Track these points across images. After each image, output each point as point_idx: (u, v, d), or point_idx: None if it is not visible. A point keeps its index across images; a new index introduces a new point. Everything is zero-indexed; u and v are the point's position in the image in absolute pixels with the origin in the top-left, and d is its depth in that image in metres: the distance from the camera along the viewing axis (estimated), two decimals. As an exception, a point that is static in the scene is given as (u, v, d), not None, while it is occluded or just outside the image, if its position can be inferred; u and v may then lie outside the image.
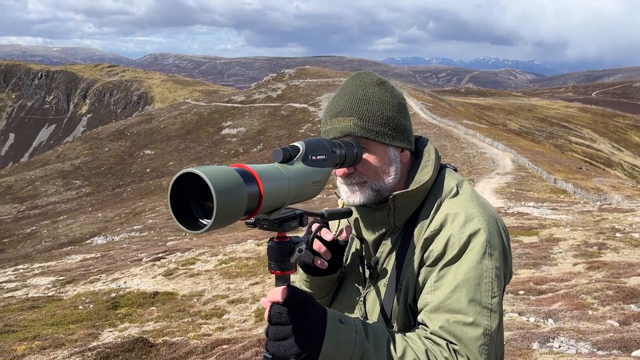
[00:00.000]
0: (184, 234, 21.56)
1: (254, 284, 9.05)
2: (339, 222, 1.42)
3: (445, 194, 1.25)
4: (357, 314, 1.31)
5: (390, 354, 1.06)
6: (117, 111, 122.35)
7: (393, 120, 1.25)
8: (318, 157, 1.04)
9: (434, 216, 1.22)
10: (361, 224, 1.32)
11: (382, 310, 1.25)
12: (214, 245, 14.28)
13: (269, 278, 9.19)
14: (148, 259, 13.41)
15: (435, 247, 1.18)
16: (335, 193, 1.43)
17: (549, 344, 4.21)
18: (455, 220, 1.19)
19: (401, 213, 1.24)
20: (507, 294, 6.52)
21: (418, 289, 1.21)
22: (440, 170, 1.31)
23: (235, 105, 78.50)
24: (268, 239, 1.02)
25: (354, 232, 1.35)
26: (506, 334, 4.57)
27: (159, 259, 13.26)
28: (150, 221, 30.46)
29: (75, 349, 4.97)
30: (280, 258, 1.00)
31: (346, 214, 1.17)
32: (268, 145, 58.11)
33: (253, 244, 13.35)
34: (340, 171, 1.22)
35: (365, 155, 1.22)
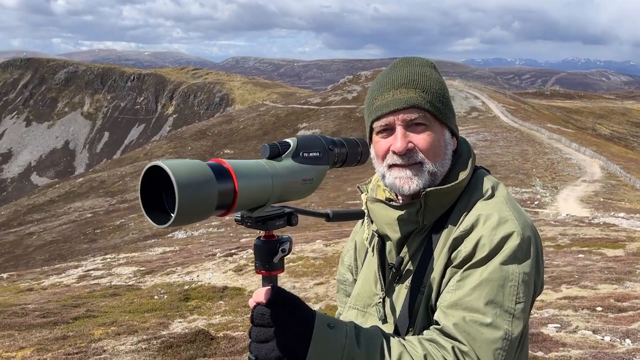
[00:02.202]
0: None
1: (318, 284, 9.13)
2: (365, 224, 1.38)
3: (479, 195, 1.19)
4: (374, 316, 1.26)
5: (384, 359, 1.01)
6: (200, 112, 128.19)
7: (449, 101, 1.23)
8: (311, 154, 0.99)
9: (465, 216, 1.16)
10: (384, 222, 1.25)
11: (403, 313, 1.19)
12: (284, 244, 14.55)
13: (334, 279, 9.25)
14: (221, 255, 13.92)
15: (464, 248, 1.12)
16: (359, 187, 1.37)
17: (622, 367, 3.90)
18: (487, 222, 1.13)
19: (432, 211, 1.19)
20: (582, 309, 6.11)
21: (442, 290, 1.15)
22: (474, 171, 1.25)
23: (311, 107, 79.56)
24: (256, 237, 0.98)
25: (375, 229, 1.29)
26: (575, 352, 4.29)
27: (231, 254, 13.74)
28: (228, 218, 31.59)
29: (144, 337, 5.29)
30: (264, 258, 0.97)
31: (357, 215, 1.11)
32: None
33: (321, 245, 13.46)
34: (400, 147, 1.16)
35: (427, 132, 1.18)
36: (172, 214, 0.80)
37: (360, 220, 1.39)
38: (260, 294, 0.97)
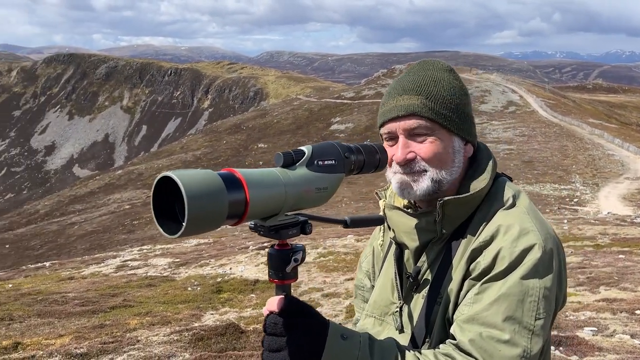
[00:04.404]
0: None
1: (349, 280, 9.13)
2: (383, 231, 1.35)
3: (500, 205, 1.15)
4: (391, 324, 1.24)
5: None
6: (235, 106, 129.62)
7: (461, 107, 1.18)
8: (326, 162, 0.98)
9: (485, 227, 1.13)
10: (401, 230, 1.23)
11: (420, 323, 1.17)
12: (316, 238, 14.61)
13: (365, 275, 9.22)
14: (254, 248, 14.07)
15: (483, 260, 1.09)
16: (377, 193, 1.35)
17: (661, 374, 3.76)
18: (507, 233, 1.09)
19: (450, 221, 1.16)
20: (621, 312, 5.92)
21: (459, 302, 1.12)
22: (495, 179, 1.21)
23: (345, 101, 79.34)
24: (270, 244, 0.99)
25: (392, 237, 1.27)
26: (611, 357, 4.17)
27: (264, 248, 13.87)
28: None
29: (176, 328, 5.43)
30: (278, 266, 0.96)
31: (376, 221, 1.09)
32: (374, 142, 57.98)
33: (353, 240, 13.46)
34: (399, 157, 1.15)
35: (430, 140, 1.15)
36: (183, 224, 0.80)
37: (379, 226, 1.38)
38: (273, 302, 0.97)
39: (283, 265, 0.96)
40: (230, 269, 11.12)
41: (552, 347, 4.47)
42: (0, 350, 4.88)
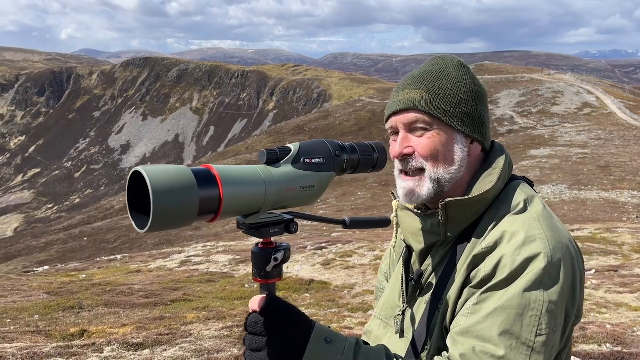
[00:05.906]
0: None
1: (404, 284, 9.03)
2: (396, 233, 1.31)
3: (509, 209, 1.09)
4: (394, 328, 1.22)
5: None
6: (298, 108, 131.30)
7: (466, 104, 1.12)
8: (313, 160, 0.96)
9: (490, 232, 1.07)
10: (409, 231, 1.19)
11: (421, 329, 1.13)
12: (374, 241, 14.53)
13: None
14: (312, 248, 14.19)
15: (484, 267, 1.04)
16: (393, 193, 1.31)
17: None
18: (512, 240, 1.03)
19: (454, 224, 1.11)
20: (699, 331, 5.46)
21: (457, 311, 1.08)
22: (509, 182, 1.15)
23: (409, 102, 78.40)
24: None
25: (402, 238, 1.25)
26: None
27: (320, 248, 13.97)
28: (321, 212, 32.16)
29: (228, 324, 5.59)
30: (259, 265, 0.95)
31: (377, 223, 1.06)
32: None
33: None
34: (396, 151, 1.12)
35: (428, 136, 1.11)
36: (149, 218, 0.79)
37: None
38: (255, 302, 0.97)
39: (264, 264, 0.94)
40: (287, 267, 11.28)
41: (615, 365, 4.19)
42: (68, 336, 5.25)
